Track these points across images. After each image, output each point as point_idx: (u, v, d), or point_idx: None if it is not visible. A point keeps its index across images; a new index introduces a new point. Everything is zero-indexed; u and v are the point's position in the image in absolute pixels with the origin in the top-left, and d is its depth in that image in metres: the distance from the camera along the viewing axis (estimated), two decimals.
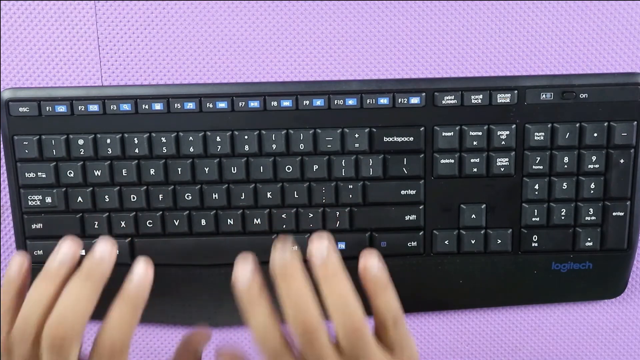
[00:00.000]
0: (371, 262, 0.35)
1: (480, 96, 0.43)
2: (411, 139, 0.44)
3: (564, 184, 0.44)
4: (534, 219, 0.45)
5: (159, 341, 0.49)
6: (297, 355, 0.34)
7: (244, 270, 0.34)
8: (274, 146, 0.43)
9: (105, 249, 0.34)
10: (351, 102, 0.43)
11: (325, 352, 0.33)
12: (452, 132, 0.43)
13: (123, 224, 0.44)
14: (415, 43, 0.45)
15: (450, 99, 0.43)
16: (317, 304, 0.33)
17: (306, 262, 0.34)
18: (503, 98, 0.43)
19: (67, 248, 0.35)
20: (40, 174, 0.44)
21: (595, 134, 0.43)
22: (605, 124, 0.43)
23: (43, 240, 0.45)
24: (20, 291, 0.35)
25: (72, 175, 0.44)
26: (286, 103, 0.43)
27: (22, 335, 0.33)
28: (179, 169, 0.44)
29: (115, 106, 0.43)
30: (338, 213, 0.44)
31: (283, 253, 0.34)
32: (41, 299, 0.34)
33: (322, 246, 0.34)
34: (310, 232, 0.45)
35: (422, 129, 0.43)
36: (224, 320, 0.47)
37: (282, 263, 0.34)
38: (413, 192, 0.44)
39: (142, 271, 0.34)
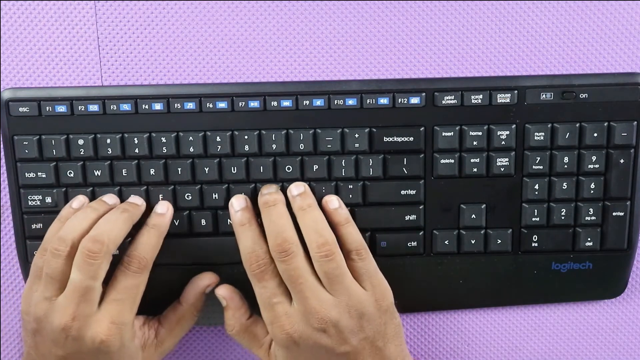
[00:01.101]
0: (331, 198, 0.42)
1: (480, 96, 0.43)
2: (411, 139, 0.44)
3: (564, 184, 0.44)
4: (534, 219, 0.45)
5: None
6: (279, 277, 0.39)
7: (239, 199, 0.42)
8: (274, 146, 0.43)
9: (140, 200, 0.43)
10: (351, 102, 0.43)
11: (302, 271, 0.38)
12: (452, 132, 0.43)
13: None
14: (415, 43, 0.45)
15: (450, 99, 0.43)
16: (294, 229, 0.39)
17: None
18: (503, 98, 0.43)
19: (109, 195, 0.43)
20: (40, 174, 0.44)
21: (595, 134, 0.43)
22: (605, 124, 0.43)
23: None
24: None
25: (72, 175, 0.44)
26: (286, 103, 0.43)
27: (56, 251, 0.38)
28: (179, 169, 0.44)
29: (115, 106, 0.43)
30: None
31: (269, 189, 0.42)
32: (80, 223, 0.39)
33: (300, 185, 0.42)
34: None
35: (422, 129, 0.43)
36: (223, 320, 0.47)
37: (267, 196, 0.41)
38: (413, 192, 0.44)
39: (165, 206, 0.42)
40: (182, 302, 0.44)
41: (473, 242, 0.45)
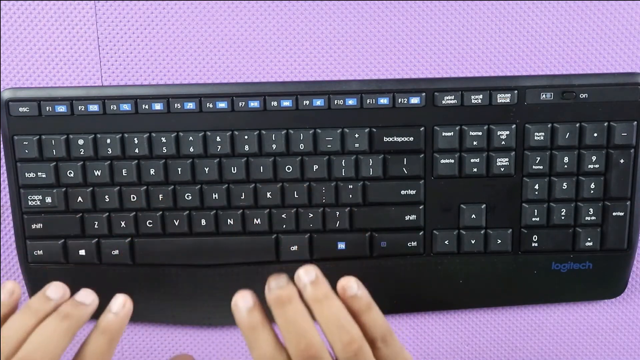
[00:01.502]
0: (348, 283, 0.34)
1: (480, 96, 0.43)
2: (411, 139, 0.44)
3: (564, 184, 0.44)
4: (534, 219, 0.45)
5: (158, 341, 0.49)
6: None
7: (245, 297, 0.34)
8: (274, 146, 0.43)
9: (89, 298, 0.34)
10: (351, 102, 0.43)
11: None
12: (452, 132, 0.43)
13: (123, 224, 0.44)
14: (415, 43, 0.45)
15: (450, 99, 0.43)
16: (316, 329, 0.33)
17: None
18: (503, 98, 0.43)
19: (54, 287, 0.35)
20: (40, 174, 0.44)
21: (595, 134, 0.43)
22: (605, 124, 0.43)
23: (43, 240, 0.45)
24: (4, 320, 0.34)
25: (72, 175, 0.44)
26: (286, 103, 0.43)
27: None
28: (179, 169, 0.44)
29: (115, 106, 0.43)
30: (338, 213, 0.44)
31: (278, 282, 0.33)
32: (15, 334, 0.33)
33: (311, 270, 0.34)
34: (310, 232, 0.45)
35: (422, 129, 0.43)
36: (223, 320, 0.47)
37: (278, 290, 0.33)
38: (413, 192, 0.44)
39: (120, 305, 0.34)
40: None
41: (473, 242, 0.45)
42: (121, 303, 0.35)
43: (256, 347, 0.33)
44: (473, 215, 0.45)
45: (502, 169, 0.44)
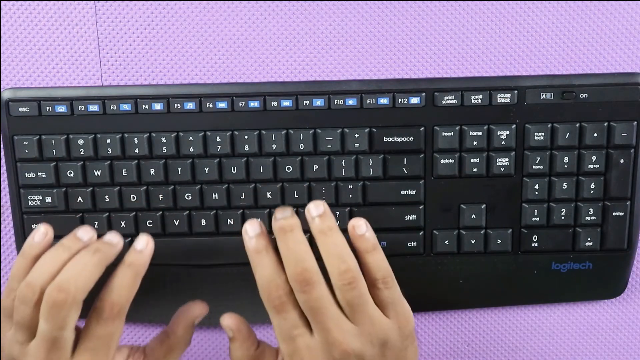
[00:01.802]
0: (358, 222, 0.38)
1: (480, 96, 0.43)
2: (411, 139, 0.44)
3: (564, 184, 0.44)
4: (534, 219, 0.45)
5: None
6: (298, 307, 0.37)
7: (253, 224, 0.38)
8: (274, 146, 0.43)
9: (116, 238, 0.38)
10: (351, 102, 0.43)
11: (323, 302, 0.36)
12: (452, 132, 0.43)
13: (123, 224, 0.44)
14: (415, 43, 0.45)
15: (450, 99, 0.43)
16: (313, 257, 0.36)
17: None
18: (503, 98, 0.43)
19: (84, 229, 0.38)
20: (40, 174, 0.44)
21: (595, 134, 0.43)
22: (605, 124, 0.43)
23: None
24: (36, 259, 0.37)
25: (72, 175, 0.44)
26: (286, 103, 0.43)
27: (24, 298, 0.35)
28: (179, 169, 0.44)
29: (115, 106, 0.43)
30: (338, 213, 0.44)
31: (284, 213, 0.38)
32: (49, 267, 0.36)
33: (320, 205, 0.38)
34: (311, 232, 0.45)
35: (422, 129, 0.43)
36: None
37: (282, 220, 0.37)
38: (413, 192, 0.44)
39: (144, 242, 0.38)
40: (170, 334, 0.41)
41: (473, 242, 0.45)
42: (145, 241, 0.38)
43: (259, 269, 0.37)
44: (473, 215, 0.45)
45: (502, 169, 0.44)
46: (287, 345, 0.37)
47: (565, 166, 0.44)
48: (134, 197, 0.44)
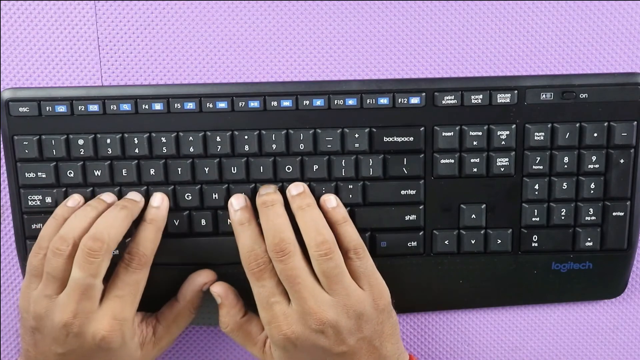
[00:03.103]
0: (329, 197, 0.42)
1: (480, 96, 0.43)
2: (411, 139, 0.44)
3: (564, 184, 0.44)
4: (534, 219, 0.45)
5: None
6: (276, 276, 0.39)
7: (238, 198, 0.42)
8: (274, 146, 0.43)
9: (138, 196, 0.43)
10: (351, 102, 0.43)
11: (300, 271, 0.38)
12: (452, 132, 0.43)
13: None
14: (415, 43, 0.45)
15: (450, 99, 0.43)
16: (292, 229, 0.39)
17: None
18: (503, 98, 0.43)
19: (107, 193, 0.43)
20: (40, 174, 0.44)
21: (595, 134, 0.43)
22: (605, 124, 0.43)
23: None
24: (66, 221, 0.41)
25: (72, 175, 0.44)
26: (286, 103, 0.43)
27: (57, 250, 0.38)
28: (179, 169, 0.44)
29: (115, 106, 0.43)
30: None
31: (267, 189, 0.42)
32: (80, 222, 0.40)
33: (299, 185, 0.42)
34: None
35: (422, 129, 0.43)
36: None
37: (265, 196, 0.41)
38: (413, 192, 0.44)
39: (159, 199, 0.43)
40: (179, 299, 0.44)
41: (473, 242, 0.45)
42: (160, 198, 0.43)
43: (241, 239, 0.41)
44: (473, 215, 0.45)
45: (502, 169, 0.44)
46: (265, 313, 0.39)
47: (565, 166, 0.44)
48: None
